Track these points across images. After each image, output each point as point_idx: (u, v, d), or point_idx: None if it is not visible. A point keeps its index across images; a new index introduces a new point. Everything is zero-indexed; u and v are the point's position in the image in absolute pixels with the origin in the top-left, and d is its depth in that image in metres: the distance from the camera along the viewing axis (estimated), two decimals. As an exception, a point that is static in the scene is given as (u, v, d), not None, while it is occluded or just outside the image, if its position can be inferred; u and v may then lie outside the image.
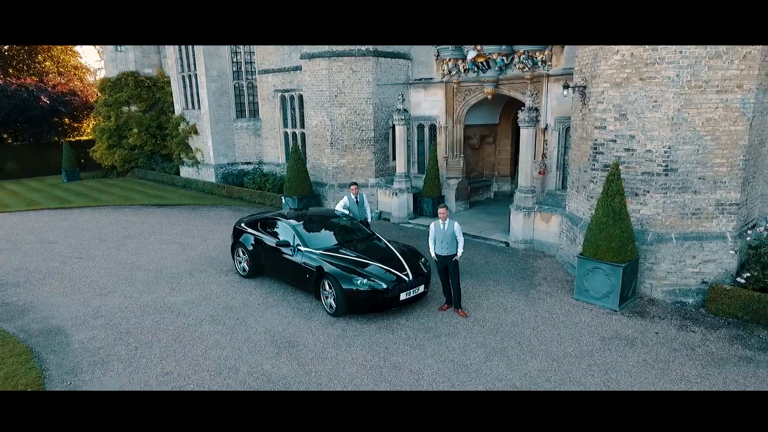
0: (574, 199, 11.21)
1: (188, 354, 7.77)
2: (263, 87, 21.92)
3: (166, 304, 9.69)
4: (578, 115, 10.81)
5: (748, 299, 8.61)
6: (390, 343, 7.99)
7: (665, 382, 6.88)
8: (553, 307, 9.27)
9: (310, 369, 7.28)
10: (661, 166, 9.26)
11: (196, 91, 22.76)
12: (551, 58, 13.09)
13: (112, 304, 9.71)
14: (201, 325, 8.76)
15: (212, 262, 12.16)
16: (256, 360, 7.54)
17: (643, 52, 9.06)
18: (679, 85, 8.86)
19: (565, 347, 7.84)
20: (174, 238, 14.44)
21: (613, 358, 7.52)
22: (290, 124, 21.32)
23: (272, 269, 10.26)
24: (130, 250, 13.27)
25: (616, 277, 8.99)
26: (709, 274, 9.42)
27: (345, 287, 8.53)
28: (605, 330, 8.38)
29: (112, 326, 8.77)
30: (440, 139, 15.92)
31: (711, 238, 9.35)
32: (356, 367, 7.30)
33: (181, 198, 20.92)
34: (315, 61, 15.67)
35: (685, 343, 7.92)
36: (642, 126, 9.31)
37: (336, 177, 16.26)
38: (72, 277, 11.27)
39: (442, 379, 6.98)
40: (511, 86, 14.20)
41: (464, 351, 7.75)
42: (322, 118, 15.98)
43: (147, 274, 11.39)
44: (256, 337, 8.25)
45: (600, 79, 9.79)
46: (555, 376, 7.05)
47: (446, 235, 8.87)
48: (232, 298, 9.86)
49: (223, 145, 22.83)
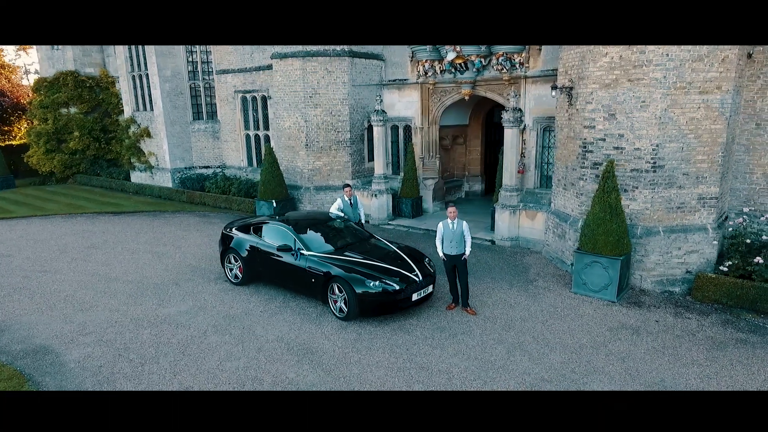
0: (561, 196, 11.60)
1: (202, 367, 7.35)
2: (222, 88, 21.19)
3: (159, 316, 9.12)
4: (564, 115, 11.19)
5: (732, 286, 9.23)
6: (409, 344, 7.92)
7: (679, 366, 7.24)
8: (555, 302, 9.53)
9: (338, 374, 7.08)
10: (650, 164, 9.76)
11: (149, 92, 21.64)
12: (528, 60, 13.48)
13: (98, 319, 9.02)
14: (205, 336, 8.31)
15: (195, 270, 11.57)
16: (278, 369, 7.24)
17: (632, 54, 9.51)
18: (666, 86, 9.37)
19: (578, 339, 8.08)
20: (144, 246, 13.63)
21: (625, 346, 7.83)
22: (252, 126, 20.74)
23: (271, 275, 9.91)
24: (99, 261, 12.39)
25: (614, 270, 9.37)
26: (693, 264, 10.02)
27: (358, 290, 8.37)
28: (609, 321, 8.71)
29: (106, 342, 8.14)
30: (416, 139, 16.00)
31: (694, 230, 9.95)
32: (383, 370, 7.18)
33: (137, 205, 19.79)
34: (287, 60, 15.31)
35: (684, 330, 8.37)
36: (631, 125, 9.77)
37: (312, 179, 15.96)
38: (42, 292, 10.37)
39: (473, 377, 6.99)
40: (488, 87, 14.51)
41: (484, 348, 7.81)
42: (296, 119, 15.64)
43: (127, 285, 10.67)
44: (269, 346, 7.93)
45: (588, 80, 10.18)
46: (578, 367, 7.24)
47: (455, 234, 8.91)
48: (230, 307, 9.43)
49: (179, 149, 21.83)
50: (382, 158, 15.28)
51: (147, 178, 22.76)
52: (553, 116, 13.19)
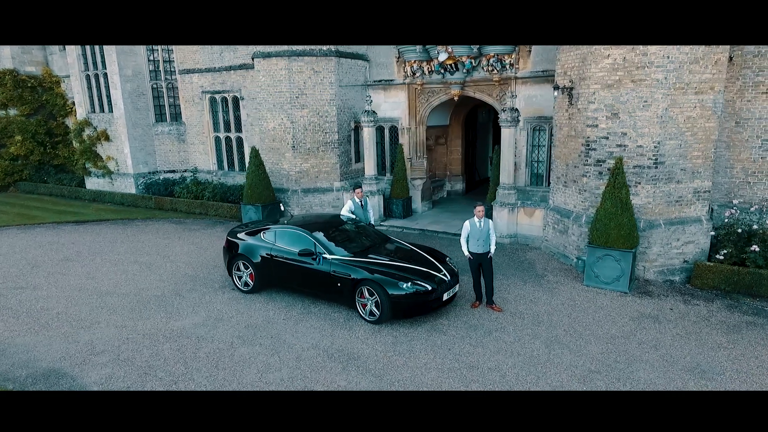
0: (561, 193, 11.94)
1: (243, 380, 6.97)
2: (187, 88, 20.29)
3: (173, 329, 8.58)
4: (564, 114, 11.53)
5: (730, 273, 9.84)
6: (449, 344, 7.88)
7: (707, 350, 7.62)
8: (571, 295, 9.78)
9: (390, 379, 6.93)
10: (651, 160, 10.23)
11: (107, 92, 20.36)
12: (518, 61, 13.80)
13: (105, 337, 8.35)
14: (234, 348, 7.89)
15: (194, 279, 10.99)
16: (325, 378, 6.99)
17: (635, 56, 9.94)
18: (667, 86, 9.87)
19: (606, 329, 8.34)
20: (126, 257, 12.78)
21: (652, 334, 8.15)
22: (222, 128, 20.00)
23: (289, 281, 9.55)
24: (81, 274, 11.50)
25: (626, 262, 9.76)
26: (689, 254, 10.61)
27: (391, 293, 8.23)
28: (628, 311, 9.05)
29: (124, 361, 7.55)
30: (403, 140, 15.98)
31: (690, 222, 10.53)
32: (435, 372, 7.10)
33: (100, 213, 18.55)
34: (272, 60, 14.86)
35: (698, 316, 8.83)
36: (633, 124, 10.20)
37: (299, 182, 15.56)
38: (27, 311, 9.48)
39: (524, 373, 7.05)
40: (477, 88, 14.72)
41: (522, 344, 7.89)
42: (281, 120, 15.20)
43: (124, 299, 9.97)
44: (307, 354, 7.64)
45: (591, 81, 10.54)
46: (618, 356, 7.46)
47: (482, 232, 8.97)
48: (249, 316, 9.01)
49: (142, 152, 20.69)
50: (373, 159, 15.14)
51: (105, 184, 21.39)
52: (543, 116, 13.63)
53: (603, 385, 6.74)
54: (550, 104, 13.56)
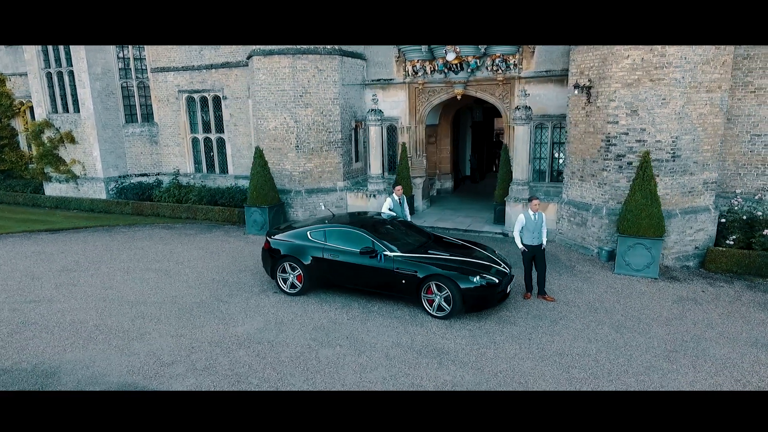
0: (578, 187, 12.52)
1: (345, 381, 6.80)
2: (161, 87, 19.30)
3: (237, 336, 8.18)
4: (580, 112, 12.11)
5: (741, 256, 10.78)
6: (527, 334, 8.09)
7: (755, 325, 8.31)
8: (609, 283, 10.31)
9: (492, 370, 7.02)
10: (669, 154, 11.00)
11: (72, 91, 18.91)
12: (522, 61, 14.32)
13: (166, 347, 7.83)
14: (314, 350, 7.66)
15: (227, 284, 10.51)
16: (430, 374, 6.96)
17: (653, 57, 10.65)
18: (684, 85, 10.66)
19: (657, 312, 8.88)
20: (135, 264, 11.97)
21: (700, 315, 8.78)
22: (201, 128, 19.18)
23: (345, 280, 9.36)
24: (95, 285, 10.66)
25: (656, 250, 10.43)
26: (700, 240, 11.49)
27: (463, 286, 8.32)
28: (667, 295, 9.68)
29: (204, 370, 7.13)
30: (403, 139, 16.07)
31: (701, 211, 11.42)
32: (529, 361, 7.27)
33: (72, 221, 17.16)
34: (274, 58, 14.45)
35: (729, 296, 9.60)
36: (652, 120, 10.92)
37: (303, 182, 15.22)
38: (59, 325, 8.68)
39: (613, 356, 7.36)
40: (479, 87, 15.10)
41: (593, 330, 8.24)
42: (283, 119, 14.80)
43: (161, 308, 9.36)
44: (394, 352, 7.56)
45: (611, 80, 11.16)
46: (684, 336, 7.97)
47: (537, 225, 9.26)
48: (310, 319, 8.76)
49: (112, 155, 19.40)
50: (379, 158, 15.13)
51: (70, 189, 19.81)
52: (546, 114, 14.24)
53: (687, 362, 7.19)
54: (552, 103, 14.21)
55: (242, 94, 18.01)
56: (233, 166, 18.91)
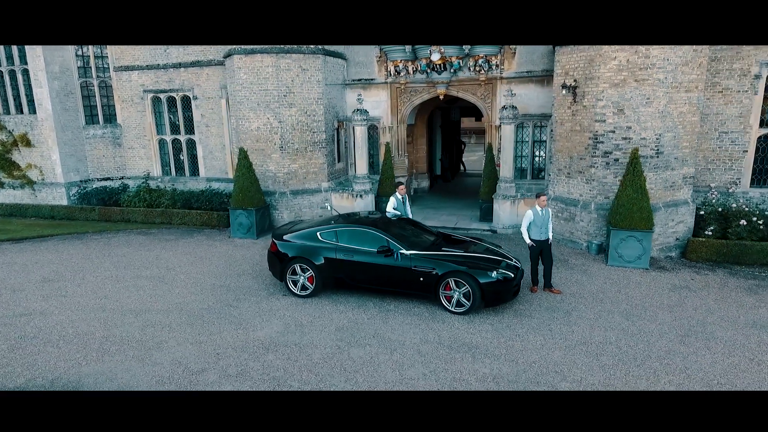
0: (564, 183, 12.99)
1: (386, 380, 6.77)
2: (124, 87, 18.45)
3: (260, 340, 7.95)
4: (566, 111, 12.59)
5: (719, 246, 11.54)
6: (545, 325, 8.33)
7: (748, 308, 8.93)
8: (606, 275, 10.76)
9: (528, 361, 7.19)
10: (654, 150, 11.64)
11: (27, 91, 17.71)
12: (503, 62, 14.70)
13: (189, 354, 7.50)
14: (343, 351, 7.57)
15: (230, 289, 10.18)
16: (468, 368, 7.04)
17: (638, 58, 11.24)
18: (666, 85, 11.31)
19: (658, 300, 9.38)
20: (123, 273, 11.37)
21: (697, 302, 9.34)
22: (169, 130, 18.46)
23: (361, 280, 9.28)
24: (87, 294, 10.05)
25: (647, 242, 10.99)
26: (680, 232, 12.22)
27: (482, 281, 8.46)
28: (662, 283, 10.23)
29: (236, 376, 6.89)
30: (385, 139, 16.11)
31: (681, 204, 12.15)
32: (558, 351, 7.50)
33: (34, 229, 16.02)
34: (256, 57, 14.11)
35: (716, 283, 10.27)
36: (637, 119, 11.52)
37: (288, 184, 14.93)
38: (62, 338, 8.12)
39: (632, 343, 7.71)
40: (462, 87, 15.37)
41: (606, 319, 8.59)
42: (267, 119, 14.48)
43: (167, 315, 8.95)
44: (426, 348, 7.59)
45: (599, 80, 11.68)
46: (689, 321, 8.46)
47: (544, 220, 9.55)
48: (330, 320, 8.64)
49: (73, 159, 18.30)
50: (365, 158, 15.08)
51: (25, 196, 18.52)
52: (527, 114, 14.68)
53: (701, 345, 7.64)
54: (533, 102, 14.68)
55: (214, 94, 17.47)
56: (205, 169, 18.31)
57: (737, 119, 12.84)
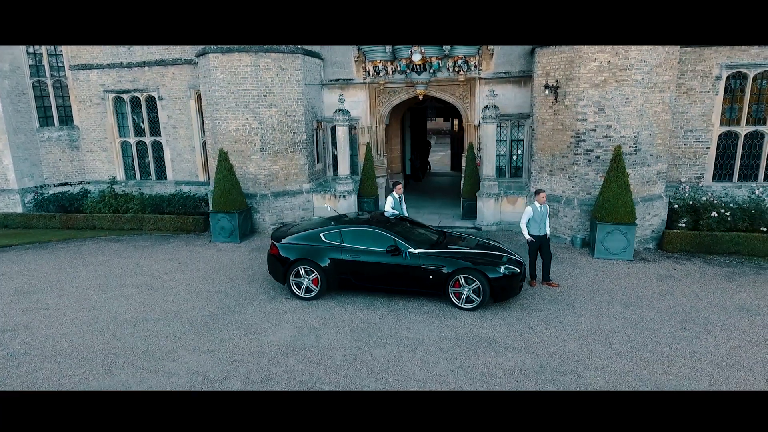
0: (547, 180, 13.38)
1: (416, 378, 6.74)
2: (82, 87, 17.51)
3: (276, 344, 7.73)
4: (548, 110, 12.99)
5: (693, 237, 12.24)
6: (553, 318, 8.55)
7: (732, 294, 9.50)
8: (594, 267, 11.18)
9: (550, 352, 7.36)
10: (632, 148, 12.20)
11: (-27, 91, 16.40)
12: (481, 62, 14.99)
13: (204, 363, 7.18)
14: (364, 351, 7.48)
15: (229, 294, 9.84)
16: (493, 362, 7.13)
17: (618, 60, 11.76)
18: (643, 85, 11.90)
19: (649, 289, 9.83)
20: (106, 282, 10.74)
21: (684, 290, 9.86)
22: (133, 131, 17.65)
23: (369, 280, 9.18)
24: (71, 306, 9.42)
25: (631, 234, 11.50)
26: (655, 225, 12.88)
27: (491, 277, 8.60)
28: (648, 273, 10.73)
29: (264, 382, 6.66)
30: (364, 139, 16.05)
31: (656, 199, 12.80)
32: (574, 341, 7.71)
33: (-14, 238, 14.90)
34: (233, 55, 13.71)
35: (697, 272, 10.88)
36: (617, 117, 12.05)
37: (269, 185, 14.57)
38: (61, 353, 7.59)
39: (639, 330, 8.05)
40: (440, 88, 15.53)
41: (607, 309, 8.93)
42: (246, 120, 14.08)
43: (167, 324, 8.54)
44: (446, 345, 7.62)
45: (580, 81, 12.13)
46: (684, 308, 8.92)
47: (543, 216, 9.82)
48: (342, 321, 8.51)
49: (26, 163, 17.15)
50: (347, 159, 14.96)
51: (-27, 204, 17.14)
52: (506, 113, 15.03)
53: (700, 330, 8.07)
54: (511, 102, 15.04)
55: (182, 94, 16.87)
56: (173, 172, 17.62)
57: (701, 118, 13.69)
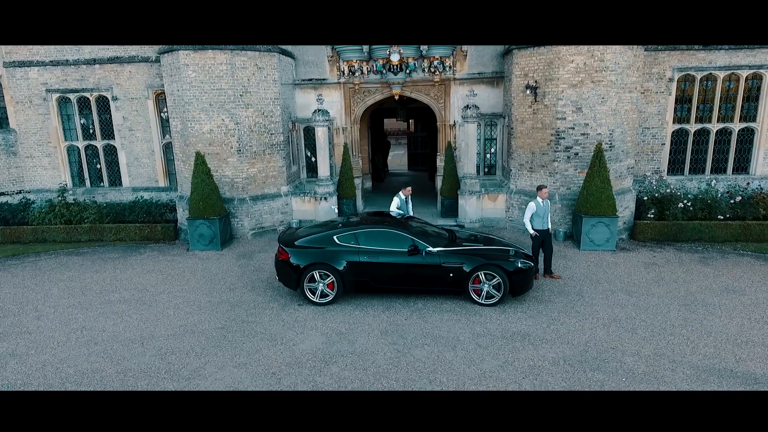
0: (527, 177, 13.84)
1: (469, 376, 6.73)
2: (19, 85, 16.00)
3: (310, 352, 7.42)
4: (527, 110, 13.44)
5: (661, 227, 13.16)
6: (571, 308, 8.86)
7: (713, 277, 10.29)
8: (584, 258, 11.70)
9: (581, 342, 7.61)
10: (608, 144, 12.91)
11: None
12: (456, 63, 15.24)
13: (239, 378, 6.76)
14: (405, 354, 7.37)
15: (236, 305, 9.32)
16: (535, 354, 7.26)
17: (594, 62, 12.41)
18: (617, 86, 12.63)
19: (641, 277, 10.45)
20: (89, 299, 9.82)
21: (672, 276, 10.54)
22: (81, 135, 16.33)
23: (387, 281, 9.02)
24: (57, 328, 8.53)
25: (614, 226, 12.17)
26: (626, 216, 13.70)
27: (510, 271, 8.78)
28: (634, 262, 11.39)
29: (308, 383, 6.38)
30: (338, 140, 15.82)
31: (626, 192, 13.63)
32: (600, 330, 8.03)
33: None
34: (207, 53, 13.01)
35: (675, 259, 11.67)
36: (594, 116, 12.70)
37: (247, 189, 13.94)
38: (69, 379, 6.85)
39: (651, 316, 8.52)
40: (415, 88, 15.62)
41: (613, 298, 9.38)
42: (221, 121, 13.40)
43: (180, 341, 7.95)
44: (484, 341, 7.68)
45: (558, 81, 12.67)
46: (678, 293, 9.55)
47: (545, 211, 10.15)
48: (368, 325, 8.32)
49: (-43, 171, 15.31)
50: (327, 160, 14.63)
51: None
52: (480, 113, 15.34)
53: (704, 311, 8.68)
54: (484, 102, 15.41)
55: (139, 94, 15.81)
56: (130, 177, 16.46)
57: (657, 116, 14.74)
